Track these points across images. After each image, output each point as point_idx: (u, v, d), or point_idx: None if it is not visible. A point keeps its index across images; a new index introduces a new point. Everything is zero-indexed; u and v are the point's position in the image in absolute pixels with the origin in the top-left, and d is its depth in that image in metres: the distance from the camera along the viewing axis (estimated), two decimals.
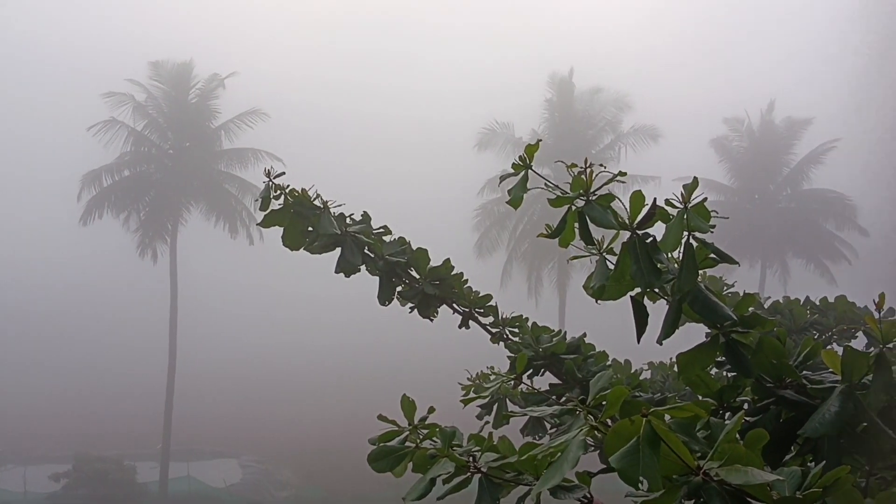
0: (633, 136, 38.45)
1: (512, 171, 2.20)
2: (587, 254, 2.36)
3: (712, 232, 2.12)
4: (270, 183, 3.28)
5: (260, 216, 3.43)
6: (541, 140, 2.30)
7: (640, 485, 1.37)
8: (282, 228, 3.33)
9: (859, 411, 2.17)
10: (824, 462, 1.94)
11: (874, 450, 2.32)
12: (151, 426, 37.51)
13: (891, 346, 2.22)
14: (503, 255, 38.40)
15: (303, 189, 3.31)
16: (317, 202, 3.33)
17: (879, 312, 2.25)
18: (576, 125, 38.54)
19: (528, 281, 37.86)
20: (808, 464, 2.23)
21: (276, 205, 3.32)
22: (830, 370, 2.33)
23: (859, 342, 4.47)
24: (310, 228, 3.33)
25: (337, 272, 3.35)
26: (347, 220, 3.43)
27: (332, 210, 3.37)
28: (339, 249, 3.40)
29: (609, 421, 1.68)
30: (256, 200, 3.39)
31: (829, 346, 4.62)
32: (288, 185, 3.31)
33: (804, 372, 2.42)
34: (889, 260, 44.16)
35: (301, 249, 3.35)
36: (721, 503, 1.46)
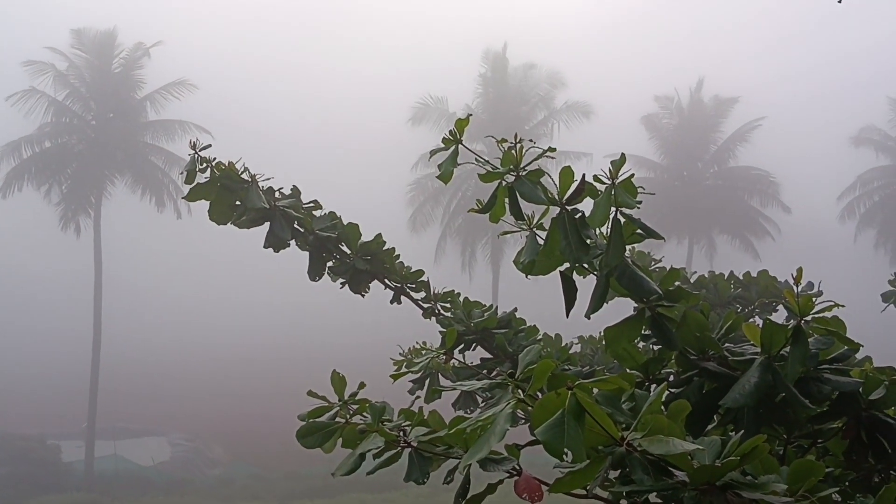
0: (566, 113, 38.78)
1: (443, 145, 2.19)
2: (517, 229, 2.38)
3: (639, 208, 2.15)
4: (196, 155, 3.21)
5: (186, 190, 3.35)
6: (471, 115, 2.29)
7: (564, 456, 1.39)
8: (208, 202, 3.27)
9: (777, 382, 2.24)
10: (743, 431, 2.00)
11: (791, 419, 2.40)
12: (76, 405, 36.64)
13: (808, 318, 2.29)
14: (437, 231, 38.47)
15: (230, 162, 3.25)
16: (245, 175, 3.27)
17: (797, 287, 2.32)
18: (509, 101, 38.67)
19: (463, 256, 38.02)
20: (730, 433, 2.29)
21: (202, 178, 3.25)
22: (751, 342, 2.39)
23: (780, 315, 4.61)
24: (237, 202, 3.27)
25: (265, 247, 3.30)
26: (277, 195, 3.38)
27: (260, 184, 3.32)
28: (268, 224, 3.35)
29: (538, 394, 1.70)
30: (181, 174, 3.32)
31: (751, 320, 4.76)
32: (214, 158, 3.24)
33: (726, 344, 2.49)
34: (810, 236, 45.66)
35: (229, 224, 3.29)
36: (643, 473, 1.49)
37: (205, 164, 3.23)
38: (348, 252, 3.51)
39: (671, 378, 2.54)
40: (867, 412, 2.41)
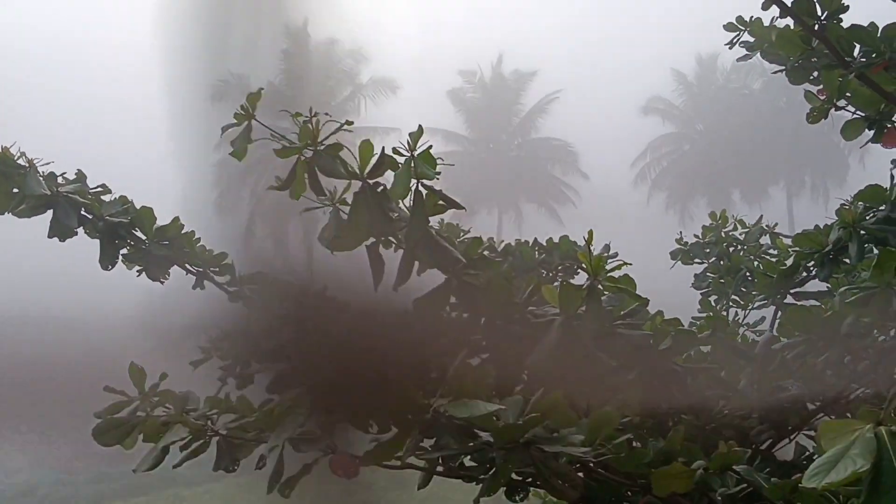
0: (372, 88, 38.82)
1: (235, 121, 2.12)
2: (320, 205, 2.34)
3: (438, 178, 2.17)
4: None
5: None
6: (262, 89, 2.22)
7: (370, 428, 1.38)
8: None
9: (576, 340, 2.34)
10: (543, 389, 2.08)
11: (592, 375, 2.53)
12: None
13: (601, 278, 2.41)
14: (245, 211, 37.45)
15: (3, 147, 2.98)
16: (21, 161, 3.02)
17: (589, 248, 2.43)
18: (313, 77, 38.18)
19: (273, 237, 37.29)
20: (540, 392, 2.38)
21: None
22: (551, 304, 2.49)
23: (582, 278, 4.84)
24: (15, 190, 3.02)
25: (50, 236, 3.05)
26: (60, 180, 3.14)
27: (40, 169, 3.07)
28: (51, 212, 3.12)
29: None
30: None
31: (556, 283, 4.96)
32: None
33: (529, 308, 2.58)
34: (607, 201, 48.35)
35: (6, 213, 3.03)
36: (449, 436, 1.52)
37: None
38: (143, 238, 3.33)
39: (484, 344, 2.60)
40: (658, 361, 2.58)
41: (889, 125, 3.40)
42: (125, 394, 2.20)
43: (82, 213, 3.15)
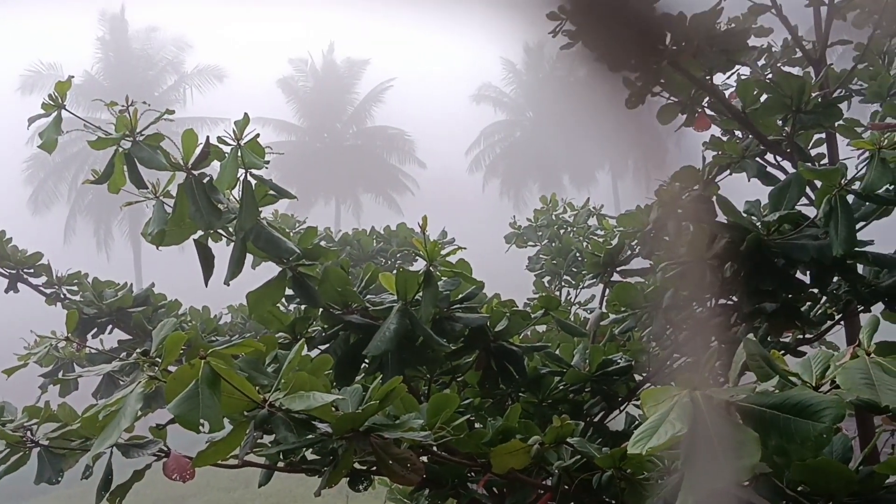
0: (198, 77, 37.56)
1: (43, 112, 1.98)
2: (142, 198, 2.23)
3: (266, 168, 2.12)
4: None
5: None
6: (73, 76, 2.09)
7: (200, 428, 1.33)
8: None
9: (414, 325, 2.36)
10: (382, 376, 2.08)
11: (431, 358, 2.55)
12: None
13: (436, 263, 2.43)
14: (64, 209, 35.38)
15: None
16: None
17: (425, 234, 2.45)
18: (134, 66, 36.50)
19: (97, 235, 35.43)
20: (380, 380, 2.38)
21: None
22: (389, 291, 2.50)
23: (421, 264, 4.88)
24: None
25: None
26: None
27: None
28: None
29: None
30: None
31: (395, 271, 4.98)
32: None
33: (367, 296, 2.57)
34: (445, 188, 49.03)
35: None
36: (287, 430, 1.49)
37: None
38: None
39: (323, 335, 2.57)
40: (495, 343, 2.64)
41: (700, 109, 3.62)
42: None
43: None
